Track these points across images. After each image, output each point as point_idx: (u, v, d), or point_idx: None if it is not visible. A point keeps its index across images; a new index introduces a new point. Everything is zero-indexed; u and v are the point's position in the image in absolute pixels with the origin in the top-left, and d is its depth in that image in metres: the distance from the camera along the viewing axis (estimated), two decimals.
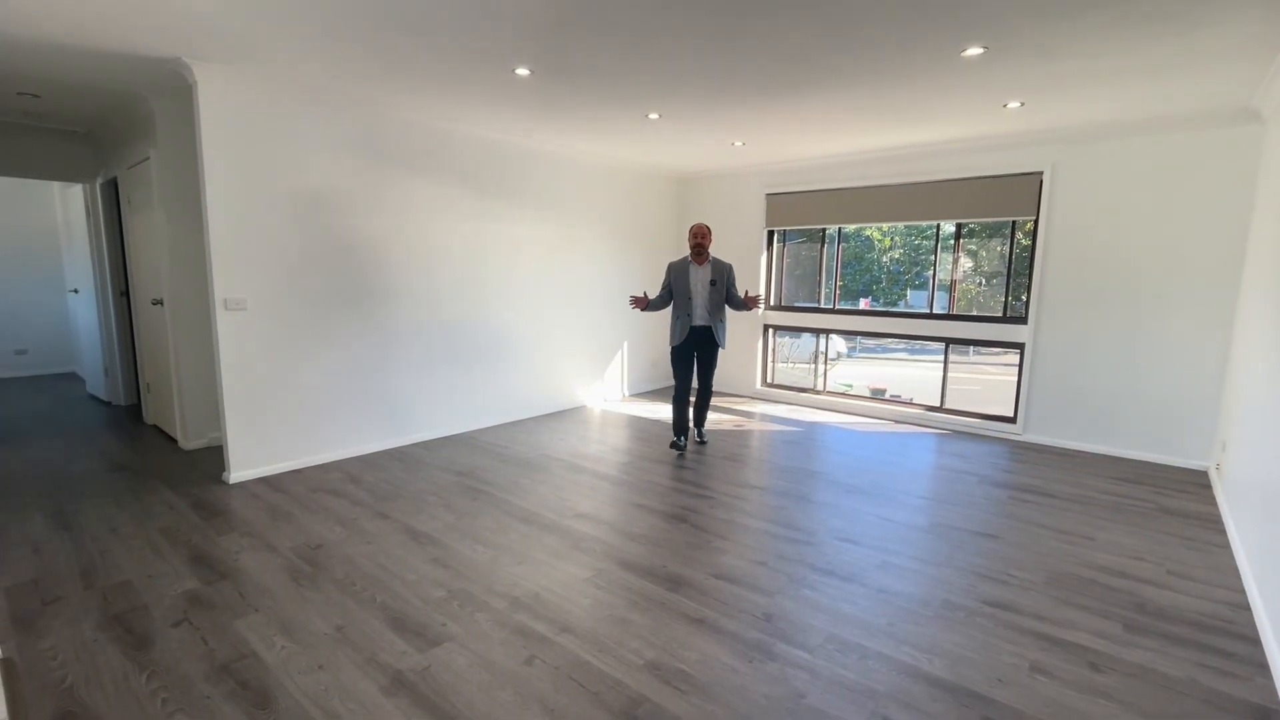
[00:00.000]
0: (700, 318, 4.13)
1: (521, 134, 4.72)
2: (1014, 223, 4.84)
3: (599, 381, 5.98)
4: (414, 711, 1.77)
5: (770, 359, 6.39)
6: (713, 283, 4.10)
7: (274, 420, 3.74)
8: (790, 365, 6.50)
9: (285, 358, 3.76)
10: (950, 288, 5.21)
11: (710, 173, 6.30)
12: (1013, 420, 4.86)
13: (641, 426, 5.07)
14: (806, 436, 4.86)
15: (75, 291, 6.13)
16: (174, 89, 3.66)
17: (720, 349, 4.23)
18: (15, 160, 4.77)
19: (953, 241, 5.16)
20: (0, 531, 2.91)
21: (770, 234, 6.14)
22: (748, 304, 4.12)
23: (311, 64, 3.24)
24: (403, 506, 3.29)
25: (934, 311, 5.26)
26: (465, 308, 4.72)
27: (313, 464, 3.92)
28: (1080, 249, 4.43)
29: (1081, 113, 3.90)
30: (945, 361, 5.25)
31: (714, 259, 4.15)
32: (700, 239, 4.08)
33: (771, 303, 6.25)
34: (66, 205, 6.08)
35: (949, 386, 5.27)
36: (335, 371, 4.00)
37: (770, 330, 6.31)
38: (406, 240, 4.30)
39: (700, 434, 4.50)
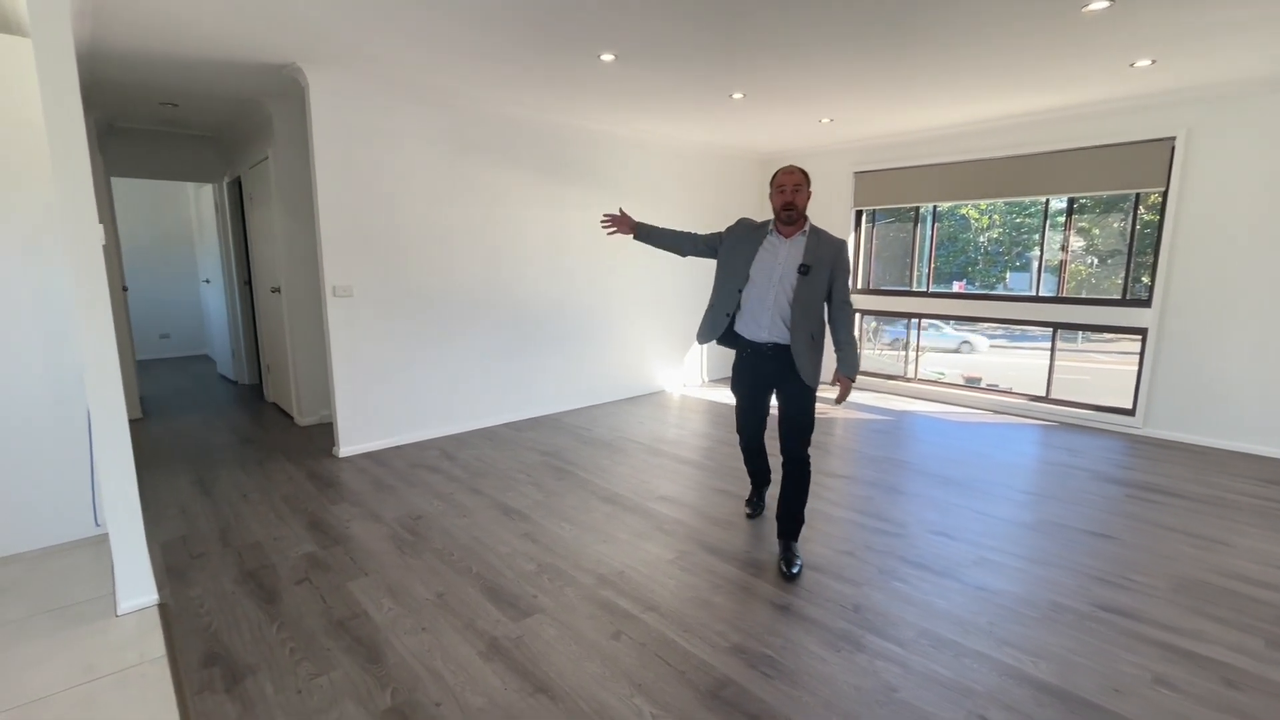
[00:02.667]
0: (771, 327, 2.39)
1: (602, 119, 4.76)
2: (1137, 196, 4.39)
3: (678, 367, 5.99)
4: (509, 676, 1.87)
5: (859, 345, 6.15)
6: (804, 269, 2.33)
7: (377, 400, 4.01)
8: (878, 352, 6.25)
9: (386, 341, 4.01)
10: (1059, 269, 4.81)
11: (794, 151, 6.10)
12: (1131, 412, 4.45)
13: (721, 412, 5.04)
14: (895, 426, 4.66)
15: (207, 282, 6.80)
16: (288, 93, 3.95)
17: (812, 389, 2.44)
18: (158, 164, 5.33)
19: (1063, 218, 4.75)
20: (156, 493, 3.30)
21: (858, 214, 5.90)
22: (840, 389, 2.51)
23: (408, 63, 3.40)
24: (494, 483, 3.45)
25: (1039, 294, 4.88)
26: (548, 293, 4.85)
27: (412, 441, 4.18)
28: (1219, 223, 3.96)
29: (1223, 69, 3.47)
30: (1053, 348, 4.87)
31: (815, 229, 2.41)
32: (791, 192, 2.36)
33: (859, 286, 6.01)
34: (199, 204, 6.74)
35: (1055, 375, 4.88)
36: (430, 354, 4.23)
37: (858, 315, 6.07)
38: (495, 228, 4.46)
39: (790, 560, 2.45)
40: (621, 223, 2.66)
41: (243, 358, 6.02)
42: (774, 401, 2.60)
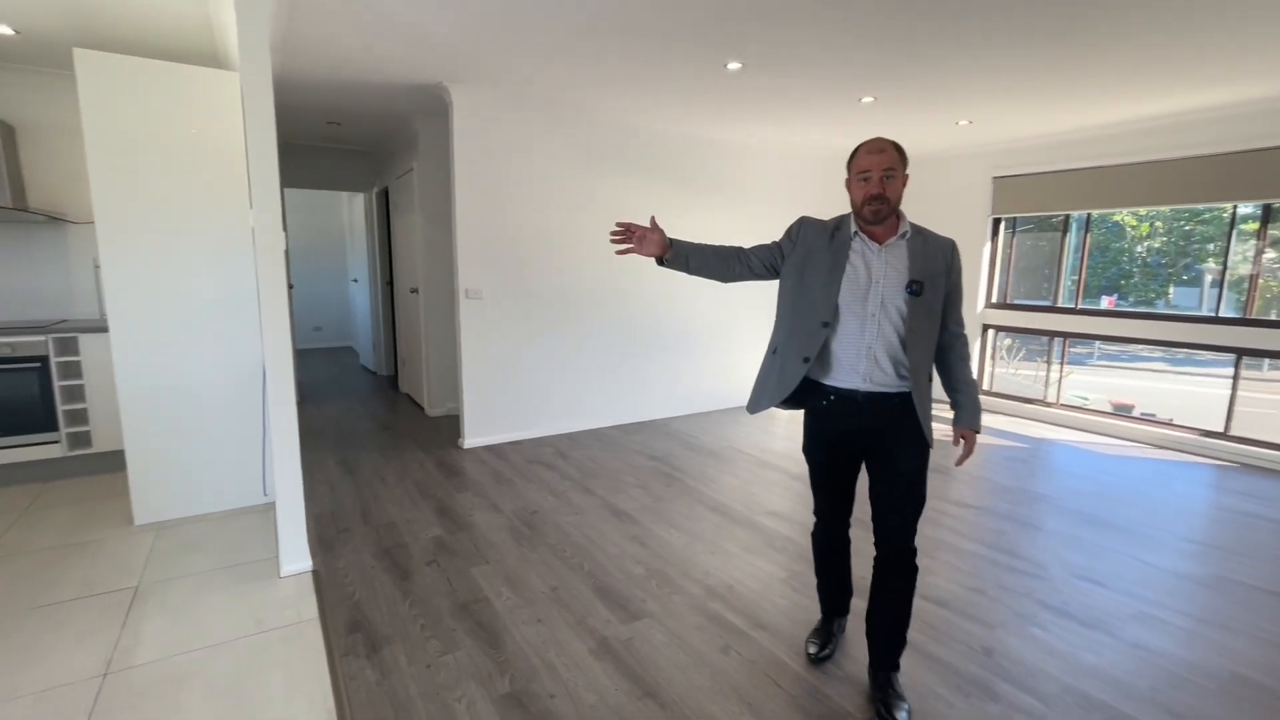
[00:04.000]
0: (870, 372, 1.70)
1: (720, 127, 4.74)
2: None
3: None
4: (618, 677, 1.91)
5: (991, 363, 5.69)
6: (915, 288, 1.66)
7: (500, 396, 4.25)
8: (1013, 372, 5.74)
9: (510, 342, 4.24)
10: (1249, 285, 4.17)
11: (925, 155, 5.76)
12: None
13: None
14: (1032, 454, 4.26)
15: (355, 281, 7.54)
16: (434, 110, 4.30)
17: (929, 447, 1.74)
18: (321, 176, 5.98)
19: (1253, 226, 4.11)
20: (309, 470, 3.70)
21: (996, 222, 5.45)
22: (964, 446, 1.80)
23: (540, 78, 3.58)
24: (604, 484, 3.53)
25: (1219, 314, 4.26)
26: (660, 300, 4.91)
27: (528, 437, 4.38)
28: None
29: None
30: (1235, 377, 4.23)
31: (917, 229, 1.73)
32: (880, 181, 1.64)
33: (994, 299, 5.55)
34: (351, 211, 7.49)
35: (1236, 408, 4.24)
36: (549, 356, 4.41)
37: (990, 331, 5.61)
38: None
39: (892, 702, 1.75)
40: (646, 238, 1.78)
41: (381, 351, 6.61)
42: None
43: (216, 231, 2.88)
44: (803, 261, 1.77)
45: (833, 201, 5.75)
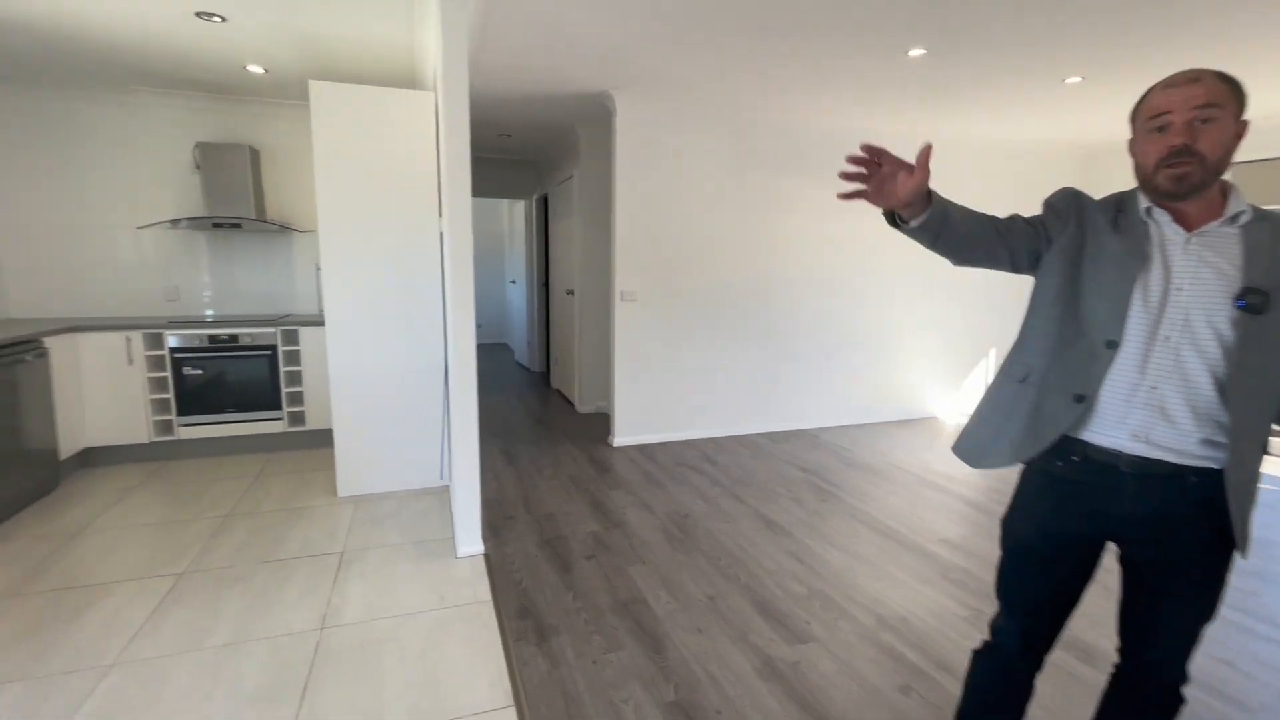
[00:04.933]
0: (1153, 424, 1.11)
1: (893, 119, 4.42)
2: None
3: (954, 391, 5.32)
4: (787, 703, 1.81)
5: None
6: (1250, 301, 1.04)
7: (650, 397, 4.29)
8: None
9: (661, 344, 4.27)
10: None
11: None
12: None
13: None
14: None
15: (513, 282, 8.07)
16: (596, 118, 4.45)
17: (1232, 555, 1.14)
18: (490, 185, 6.47)
19: None
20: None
21: None
22: None
23: (701, 81, 3.55)
24: (755, 493, 3.43)
25: None
26: (814, 303, 4.69)
27: (676, 439, 4.39)
28: None
29: None
30: None
31: (1262, 214, 1.11)
32: (1185, 127, 1.05)
33: None
34: (512, 217, 8.03)
35: None
36: (699, 358, 4.39)
37: None
38: (767, 236, 4.45)
39: None
40: (898, 179, 1.15)
41: (535, 349, 7.00)
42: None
43: (409, 237, 3.19)
44: (1077, 250, 1.20)
45: (1025, 201, 5.14)
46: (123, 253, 4.06)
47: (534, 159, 6.42)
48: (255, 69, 3.51)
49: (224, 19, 2.81)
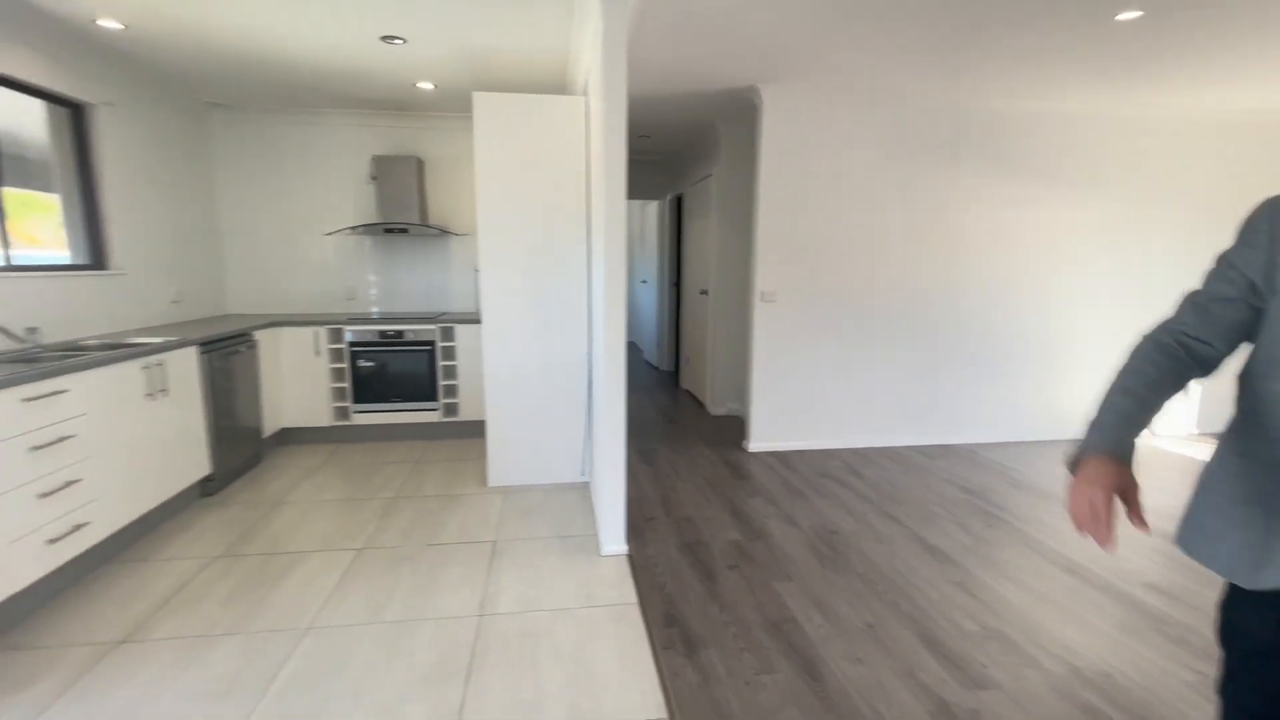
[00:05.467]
0: None
1: (1093, 96, 3.88)
2: None
3: None
4: None
5: None
6: None
7: (788, 402, 4.12)
8: None
9: (802, 346, 4.08)
10: None
11: None
12: None
13: None
14: None
15: (644, 282, 8.17)
16: (737, 115, 4.34)
17: None
18: (628, 187, 6.56)
19: None
20: None
21: None
22: None
23: (856, 68, 3.32)
24: (909, 513, 3.16)
25: None
26: (979, 306, 4.24)
27: (815, 448, 4.18)
28: None
29: None
30: None
31: None
32: None
33: None
34: (644, 217, 8.11)
35: None
36: (843, 363, 4.14)
37: None
38: (926, 232, 4.09)
39: None
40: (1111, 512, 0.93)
41: (665, 348, 7.02)
42: None
43: (558, 238, 3.28)
44: None
45: (1249, 187, 4.33)
46: (312, 256, 4.58)
47: (669, 160, 6.43)
48: (425, 85, 3.80)
49: (405, 40, 3.05)
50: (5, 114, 2.87)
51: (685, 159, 5.91)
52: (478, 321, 4.18)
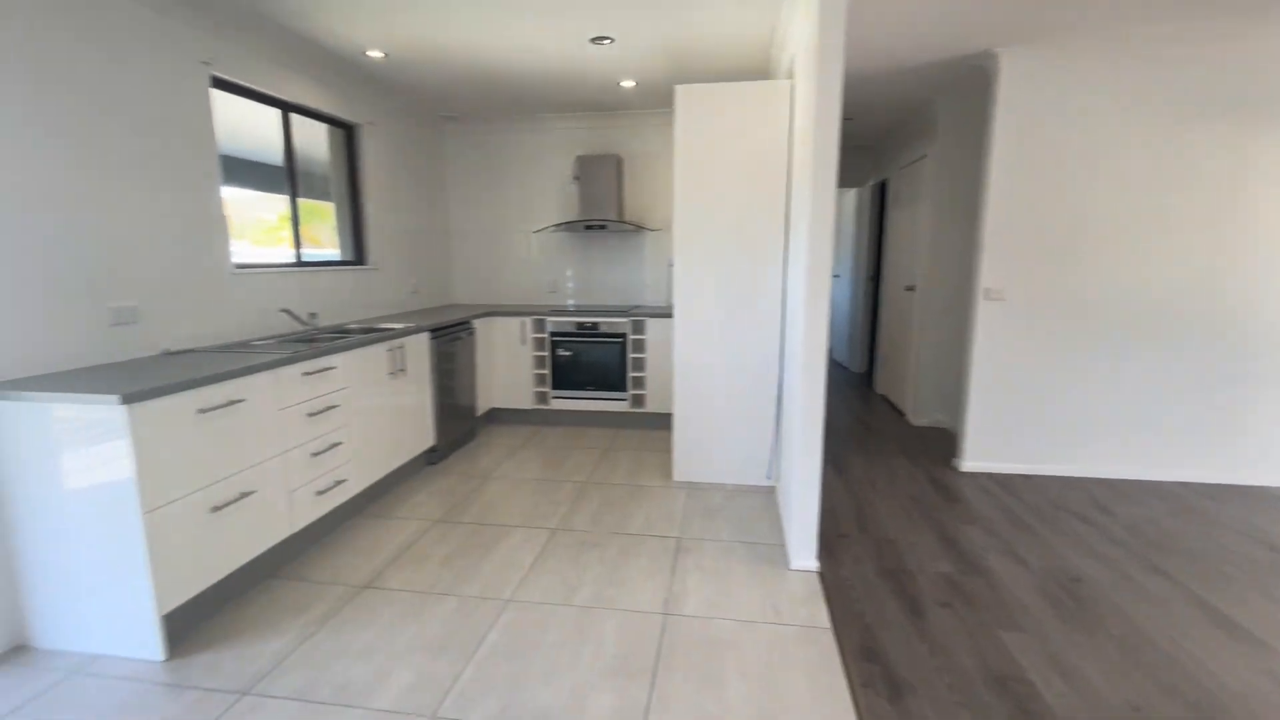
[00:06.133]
0: None
1: None
2: None
3: None
4: None
5: None
6: None
7: (1015, 417, 3.54)
8: None
9: (1036, 353, 3.47)
10: None
11: None
12: None
13: None
14: None
15: (837, 276, 7.67)
16: (962, 87, 3.80)
17: None
18: None
19: None
20: None
21: None
22: None
23: (1129, 17, 2.68)
24: (1186, 568, 2.51)
25: None
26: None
27: (1048, 474, 3.54)
28: None
29: None
30: None
31: None
32: None
33: None
34: (840, 207, 7.60)
35: None
36: (1087, 374, 3.44)
37: None
38: (1215, 219, 3.22)
39: None
40: None
41: (857, 347, 6.52)
42: None
43: (754, 231, 3.14)
44: None
45: None
46: (521, 252, 4.99)
47: (873, 143, 5.91)
48: (628, 83, 3.89)
49: (613, 40, 3.13)
50: (302, 137, 3.50)
51: (892, 141, 5.38)
52: (668, 316, 4.21)
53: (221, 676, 1.87)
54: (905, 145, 5.00)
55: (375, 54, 3.32)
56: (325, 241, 3.81)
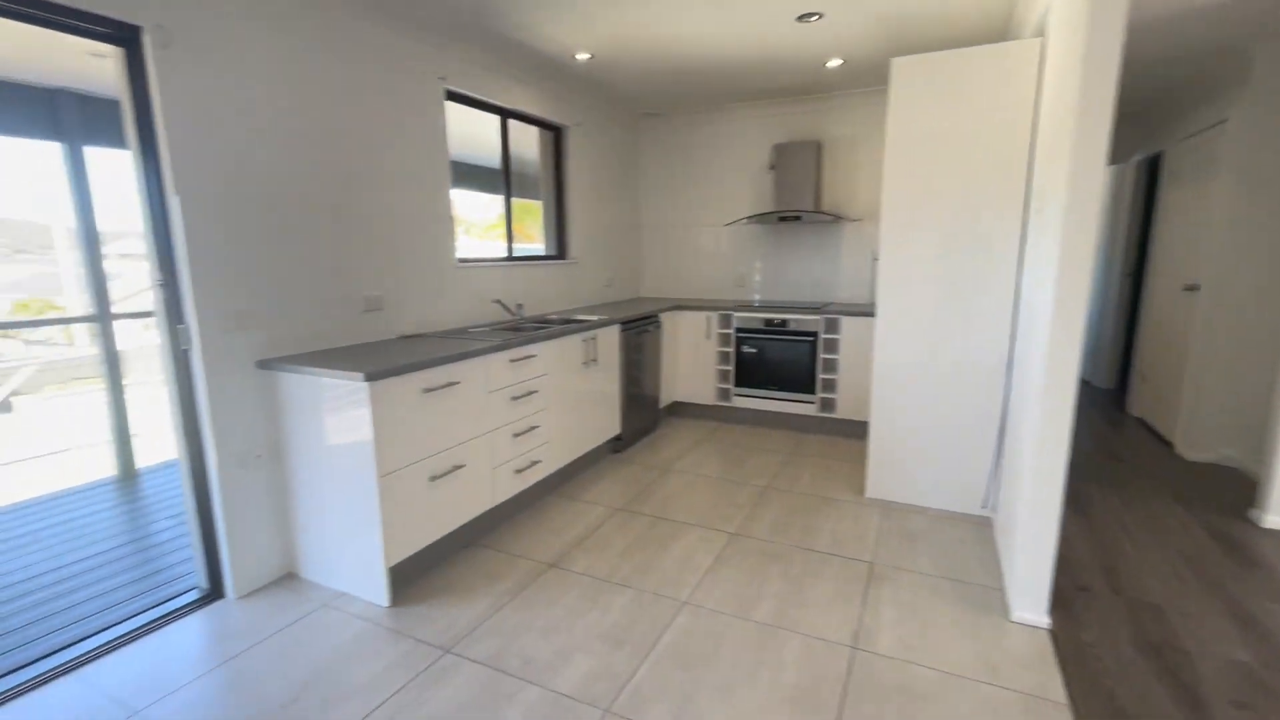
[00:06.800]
0: None
1: None
2: None
3: None
4: None
5: None
6: None
7: None
8: None
9: None
10: None
11: None
12: None
13: None
14: None
15: None
16: None
17: None
18: None
19: None
20: None
21: None
22: None
23: None
24: None
25: None
26: None
27: None
28: None
29: None
30: None
31: None
32: None
33: None
34: None
35: None
36: None
37: None
38: None
39: None
40: None
41: (1106, 359, 5.42)
42: None
43: (980, 218, 2.70)
44: None
45: None
46: (709, 245, 4.93)
47: (1139, 110, 4.81)
48: (834, 63, 3.59)
49: (821, 15, 2.89)
50: (517, 141, 3.79)
51: (1171, 106, 4.32)
52: (866, 314, 3.85)
53: (430, 630, 2.08)
54: (1191, 109, 3.98)
55: (583, 55, 3.46)
56: (533, 238, 4.10)
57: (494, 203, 3.71)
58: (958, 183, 2.72)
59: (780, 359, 4.20)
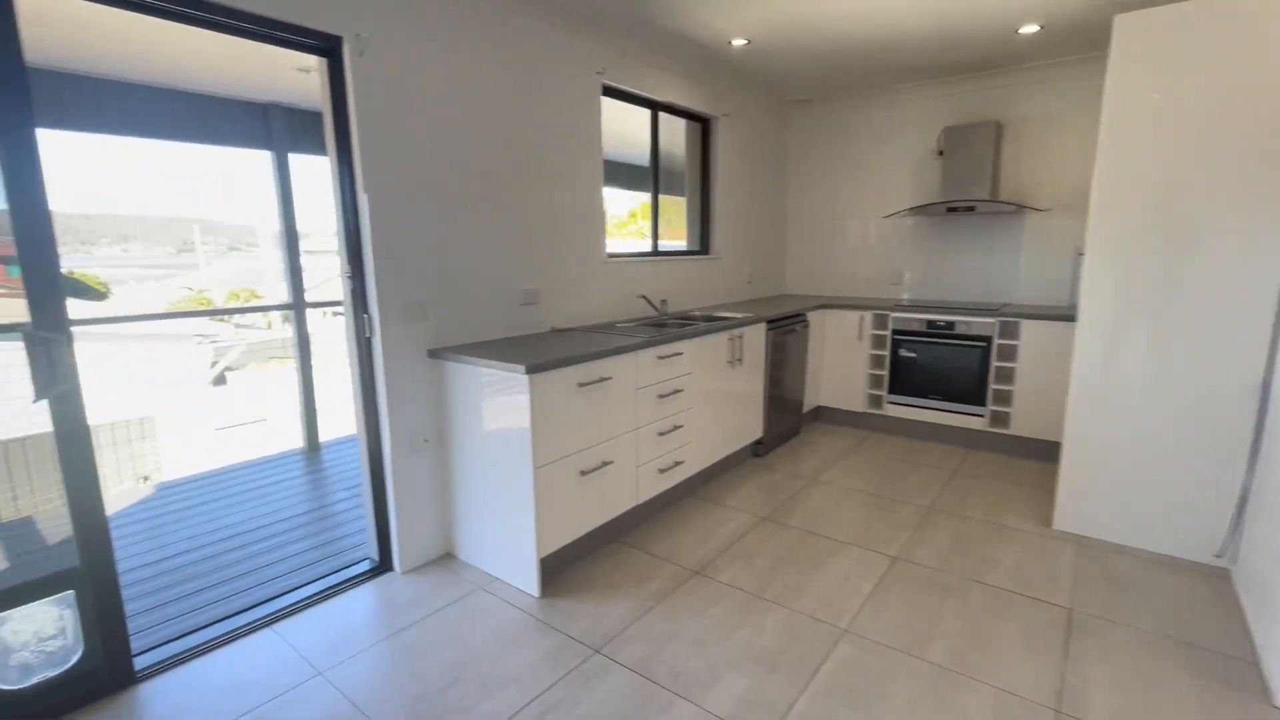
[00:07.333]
0: None
1: None
2: None
3: None
4: None
5: None
6: None
7: None
8: None
9: None
10: None
11: None
12: None
13: None
14: None
15: None
16: None
17: None
18: None
19: None
20: None
21: None
22: None
23: None
24: None
25: None
26: None
27: None
28: None
29: None
30: None
31: None
32: None
33: None
34: None
35: None
36: None
37: None
38: None
39: None
40: None
41: None
42: None
43: (1222, 208, 2.20)
44: None
45: None
46: (861, 238, 4.58)
47: None
48: (1029, 28, 3.14)
49: None
50: (665, 137, 3.73)
51: None
52: (1056, 318, 3.35)
53: (578, 627, 2.07)
54: None
55: (739, 42, 3.31)
56: (677, 234, 4.04)
57: (630, 199, 3.69)
58: (1197, 164, 2.24)
59: (943, 365, 3.79)
